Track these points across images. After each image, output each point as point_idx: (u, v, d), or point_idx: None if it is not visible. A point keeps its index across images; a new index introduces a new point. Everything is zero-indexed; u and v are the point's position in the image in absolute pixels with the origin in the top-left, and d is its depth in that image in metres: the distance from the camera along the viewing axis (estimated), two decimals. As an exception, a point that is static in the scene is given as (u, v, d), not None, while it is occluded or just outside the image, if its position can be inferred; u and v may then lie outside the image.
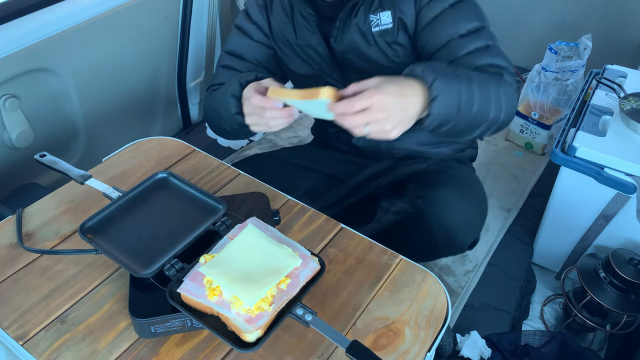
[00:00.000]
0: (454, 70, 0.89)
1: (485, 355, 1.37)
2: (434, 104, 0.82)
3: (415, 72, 0.85)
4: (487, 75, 0.94)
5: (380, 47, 1.07)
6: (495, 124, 0.95)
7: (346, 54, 1.10)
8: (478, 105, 0.88)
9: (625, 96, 1.43)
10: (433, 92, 0.82)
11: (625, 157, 1.28)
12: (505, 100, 0.93)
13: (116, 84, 1.69)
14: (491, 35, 1.02)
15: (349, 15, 1.06)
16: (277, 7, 1.14)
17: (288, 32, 1.14)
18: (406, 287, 0.85)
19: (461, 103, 0.86)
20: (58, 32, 1.41)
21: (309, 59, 1.14)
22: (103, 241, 0.82)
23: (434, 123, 0.84)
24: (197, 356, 0.74)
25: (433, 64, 0.87)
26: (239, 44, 1.17)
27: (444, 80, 0.83)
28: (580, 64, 1.88)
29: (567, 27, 2.31)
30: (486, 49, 0.99)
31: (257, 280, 0.72)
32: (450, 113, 0.85)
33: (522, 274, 1.58)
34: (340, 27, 1.07)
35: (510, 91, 0.95)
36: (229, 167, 1.09)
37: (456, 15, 1.00)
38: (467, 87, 0.87)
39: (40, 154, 0.96)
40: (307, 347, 0.76)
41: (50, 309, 0.80)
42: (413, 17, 1.03)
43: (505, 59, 1.00)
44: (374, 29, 1.05)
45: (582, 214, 1.44)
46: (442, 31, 1.00)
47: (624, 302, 1.34)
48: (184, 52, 1.88)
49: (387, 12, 1.04)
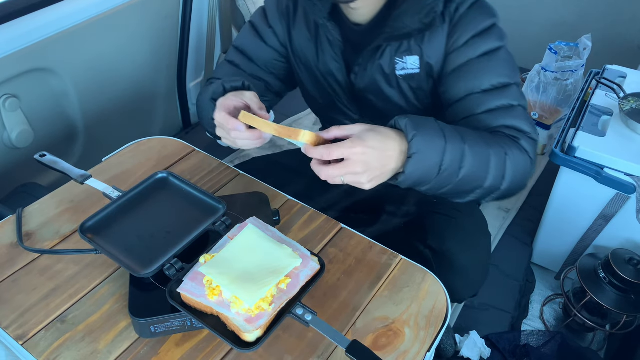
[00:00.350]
0: (444, 129, 0.80)
1: (484, 355, 1.37)
2: (409, 162, 0.76)
3: (399, 125, 0.79)
4: (494, 139, 0.85)
5: (403, 91, 1.01)
6: (494, 192, 0.85)
7: (366, 92, 1.04)
8: (468, 170, 0.80)
9: (625, 96, 1.43)
10: (411, 149, 0.76)
11: (625, 157, 1.28)
12: (511, 169, 0.84)
13: (116, 83, 1.69)
14: (518, 95, 0.92)
15: (373, 54, 0.99)
16: (301, 22, 1.06)
17: (309, 52, 1.07)
18: (406, 287, 0.85)
19: (443, 165, 0.78)
20: (58, 32, 1.41)
21: (328, 85, 1.08)
22: (103, 241, 0.82)
23: (407, 182, 0.78)
24: (197, 356, 0.74)
25: (419, 119, 0.79)
26: (249, 43, 1.10)
27: (425, 138, 0.77)
28: (580, 64, 1.88)
29: (567, 27, 2.32)
30: (508, 109, 0.90)
31: (257, 280, 0.72)
32: (427, 174, 0.78)
33: (521, 273, 1.59)
34: (363, 64, 1.00)
35: (521, 159, 0.85)
36: (229, 167, 1.09)
37: (484, 66, 0.91)
38: (455, 149, 0.79)
39: (40, 154, 0.96)
40: (307, 347, 0.76)
41: (50, 308, 0.80)
42: (441, 61, 0.96)
43: (529, 122, 0.90)
44: (398, 72, 0.99)
45: (581, 214, 1.44)
46: (465, 82, 0.92)
47: (623, 302, 1.34)
48: (183, 52, 1.88)
49: (415, 57, 0.97)
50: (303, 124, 2.13)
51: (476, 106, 0.91)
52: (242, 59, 1.10)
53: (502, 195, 0.88)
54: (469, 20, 0.92)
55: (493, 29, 0.92)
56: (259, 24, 1.10)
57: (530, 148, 0.87)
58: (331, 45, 1.02)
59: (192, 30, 1.87)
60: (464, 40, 0.92)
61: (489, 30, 0.92)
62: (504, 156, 0.83)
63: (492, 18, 0.93)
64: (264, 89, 1.12)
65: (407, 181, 0.78)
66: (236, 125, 0.80)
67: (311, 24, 1.05)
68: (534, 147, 0.88)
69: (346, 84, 1.06)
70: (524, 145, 0.86)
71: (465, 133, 0.82)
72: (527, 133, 0.88)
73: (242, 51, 1.10)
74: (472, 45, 0.92)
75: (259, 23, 1.10)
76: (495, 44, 0.91)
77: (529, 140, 0.88)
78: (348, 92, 1.07)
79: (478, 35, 0.91)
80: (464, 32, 0.92)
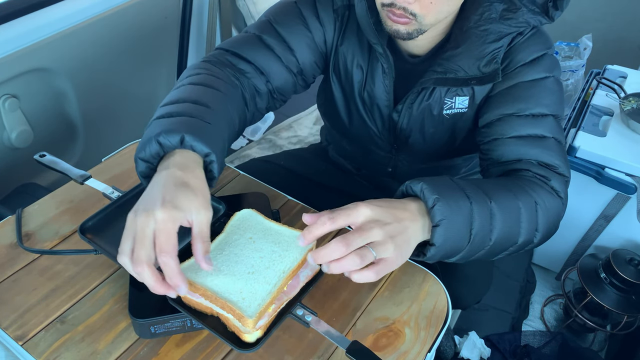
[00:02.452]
0: (464, 187, 0.71)
1: (484, 355, 1.37)
2: (437, 231, 0.66)
3: (412, 190, 0.69)
4: (520, 187, 0.76)
5: (447, 129, 0.96)
6: (528, 245, 0.77)
7: (407, 129, 0.97)
8: (500, 230, 0.71)
9: (626, 96, 1.43)
10: (435, 216, 0.66)
11: (626, 158, 1.28)
12: (544, 218, 0.76)
13: (116, 84, 1.69)
14: (554, 128, 0.84)
15: (422, 93, 0.92)
16: (352, 36, 0.94)
17: (356, 74, 0.96)
18: (406, 288, 0.85)
19: (473, 229, 0.69)
20: (58, 32, 1.41)
21: (367, 114, 1.00)
22: (103, 241, 0.82)
23: (437, 255, 0.68)
24: (197, 356, 0.74)
25: (434, 180, 0.70)
26: (292, 25, 0.91)
27: (449, 202, 0.67)
28: (581, 64, 1.88)
29: (567, 27, 2.31)
30: (540, 139, 0.82)
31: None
32: (459, 242, 0.69)
33: (522, 274, 1.58)
34: (409, 103, 0.93)
35: (553, 205, 0.77)
36: (228, 167, 1.09)
37: (524, 93, 0.85)
38: (482, 209, 0.70)
39: (40, 154, 0.95)
40: (307, 348, 0.76)
41: (50, 309, 0.79)
42: (487, 91, 0.90)
43: (560, 157, 0.82)
44: (445, 111, 0.93)
45: (582, 214, 1.44)
46: (503, 106, 0.85)
47: (624, 303, 1.34)
48: (183, 52, 1.88)
49: (465, 97, 0.91)
50: (303, 124, 2.13)
51: (507, 130, 0.84)
52: (279, 43, 0.91)
53: (535, 247, 0.81)
54: (521, 50, 0.87)
55: (544, 58, 0.87)
56: (305, 10, 0.93)
57: (561, 187, 0.79)
58: (384, 75, 0.93)
59: (192, 30, 1.87)
60: (513, 68, 0.87)
61: (539, 59, 0.87)
62: (534, 206, 0.75)
63: (546, 49, 0.87)
64: (291, 87, 0.95)
65: (437, 254, 0.68)
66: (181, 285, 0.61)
67: (364, 42, 0.94)
68: (565, 186, 0.81)
69: (388, 118, 0.98)
70: (555, 186, 0.79)
71: (486, 187, 0.73)
72: (557, 168, 0.81)
73: (278, 31, 0.91)
74: (519, 72, 0.86)
75: (306, 9, 0.93)
76: (542, 74, 0.86)
77: (559, 178, 0.80)
78: (388, 126, 0.99)
79: (527, 63, 0.86)
80: (513, 60, 0.87)
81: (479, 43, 0.85)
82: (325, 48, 0.97)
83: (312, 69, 0.96)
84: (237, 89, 0.85)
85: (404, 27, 0.80)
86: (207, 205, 0.63)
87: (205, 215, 0.63)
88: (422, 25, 0.80)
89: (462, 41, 0.86)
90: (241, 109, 0.85)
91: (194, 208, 0.61)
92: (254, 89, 0.89)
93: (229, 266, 0.71)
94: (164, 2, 1.71)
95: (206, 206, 0.63)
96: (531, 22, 0.86)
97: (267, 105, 0.94)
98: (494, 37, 0.85)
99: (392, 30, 0.82)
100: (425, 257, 0.69)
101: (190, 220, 0.62)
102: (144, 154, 0.68)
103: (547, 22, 0.87)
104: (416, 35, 0.82)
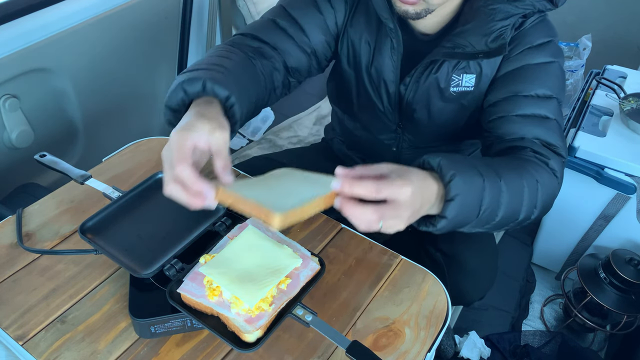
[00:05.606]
0: (477, 165, 0.73)
1: (484, 355, 1.37)
2: (451, 205, 0.68)
3: (430, 164, 0.71)
4: (525, 166, 0.80)
5: (452, 108, 0.99)
6: (525, 221, 0.81)
7: (413, 104, 1.00)
8: (505, 207, 0.75)
9: (626, 96, 1.43)
10: (450, 191, 0.68)
11: (625, 158, 1.28)
12: (542, 196, 0.80)
13: (116, 84, 1.69)
14: (557, 110, 0.89)
15: (430, 67, 0.95)
16: (361, 14, 0.99)
17: (364, 50, 1.00)
18: (406, 287, 0.85)
19: (482, 205, 0.72)
20: (58, 32, 1.41)
21: (374, 91, 1.03)
22: (103, 241, 0.82)
23: (447, 227, 0.70)
24: (197, 356, 0.74)
25: (452, 157, 0.72)
26: (303, 7, 0.97)
27: (464, 179, 0.69)
28: (580, 64, 1.88)
29: (567, 27, 2.31)
30: (543, 119, 0.87)
31: (257, 281, 0.72)
32: (468, 217, 0.71)
33: (521, 274, 1.59)
34: (416, 76, 0.96)
35: (551, 184, 0.82)
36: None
37: (531, 74, 0.89)
38: (493, 187, 0.73)
39: (40, 154, 0.96)
40: (307, 348, 0.76)
41: (50, 309, 0.80)
42: (494, 72, 0.94)
43: (560, 137, 0.87)
44: (452, 89, 0.96)
45: (582, 214, 1.44)
46: (510, 85, 0.90)
47: (624, 303, 1.34)
48: (183, 52, 1.88)
49: (472, 75, 0.94)
50: (303, 124, 2.13)
51: (512, 108, 0.88)
52: (292, 24, 0.96)
53: (531, 223, 0.83)
54: (528, 34, 0.91)
55: (550, 44, 0.91)
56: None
57: (558, 167, 0.84)
58: (393, 51, 0.97)
59: (192, 30, 1.87)
60: (519, 50, 0.91)
61: (545, 45, 0.91)
62: (535, 185, 0.79)
63: (552, 36, 0.92)
64: (305, 67, 0.99)
65: (447, 226, 0.70)
66: (204, 190, 0.63)
67: (373, 20, 0.98)
68: (562, 166, 0.85)
69: (394, 94, 1.01)
70: (553, 166, 0.83)
71: (498, 167, 0.76)
72: (556, 147, 0.85)
73: (291, 15, 0.97)
74: (526, 54, 0.90)
75: None
76: (549, 58, 0.90)
77: (557, 158, 0.85)
78: (394, 102, 1.02)
79: (534, 47, 0.90)
80: (520, 43, 0.91)
81: (487, 20, 0.88)
82: (336, 29, 1.01)
83: (324, 50, 1.01)
84: (255, 62, 0.90)
85: (412, 8, 0.86)
86: (222, 128, 0.67)
87: (221, 135, 0.66)
88: (429, 5, 0.86)
89: (471, 18, 0.90)
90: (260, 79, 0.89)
91: (207, 129, 0.65)
92: (270, 66, 0.93)
93: (262, 189, 0.67)
94: (164, 2, 1.71)
95: (220, 128, 0.67)
96: (537, 5, 0.90)
97: (284, 81, 0.97)
98: (501, 15, 0.88)
99: (402, 11, 0.88)
100: (435, 228, 0.71)
101: (206, 140, 0.65)
102: (171, 102, 0.75)
103: (552, 8, 0.91)
104: (424, 14, 0.87)
